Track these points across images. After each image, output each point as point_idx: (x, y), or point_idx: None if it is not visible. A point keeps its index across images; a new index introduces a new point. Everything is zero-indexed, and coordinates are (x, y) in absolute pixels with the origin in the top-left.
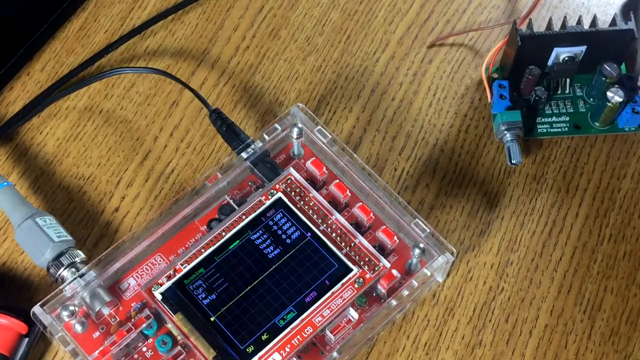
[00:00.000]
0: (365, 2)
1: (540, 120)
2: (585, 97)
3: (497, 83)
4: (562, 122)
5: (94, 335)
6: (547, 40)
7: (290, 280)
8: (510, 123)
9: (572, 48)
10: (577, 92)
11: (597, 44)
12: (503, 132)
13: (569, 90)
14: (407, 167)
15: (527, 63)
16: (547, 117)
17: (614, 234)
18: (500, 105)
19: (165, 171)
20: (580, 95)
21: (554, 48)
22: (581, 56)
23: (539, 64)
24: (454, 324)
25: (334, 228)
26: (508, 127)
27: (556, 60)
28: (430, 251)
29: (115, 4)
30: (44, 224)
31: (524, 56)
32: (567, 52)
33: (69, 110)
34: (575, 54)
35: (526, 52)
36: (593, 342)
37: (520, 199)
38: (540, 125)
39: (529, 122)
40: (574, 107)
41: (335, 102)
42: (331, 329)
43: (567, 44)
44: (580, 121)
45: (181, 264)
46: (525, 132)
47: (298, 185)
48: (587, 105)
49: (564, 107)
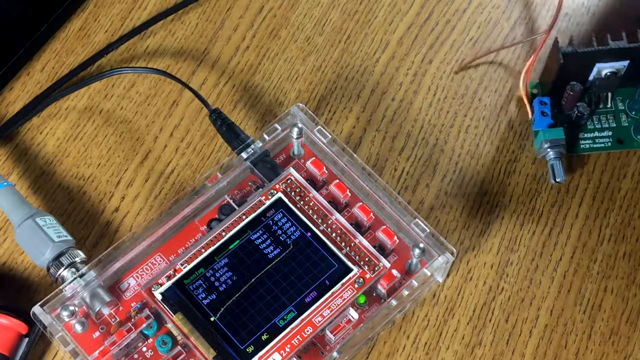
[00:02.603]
0: (365, 2)
1: (582, 136)
2: (628, 111)
3: (538, 100)
4: (605, 137)
5: (94, 335)
6: (589, 56)
7: (290, 280)
8: (554, 141)
9: (614, 63)
10: (619, 106)
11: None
12: (546, 150)
13: (610, 105)
14: (407, 167)
15: (569, 79)
16: (589, 132)
17: (614, 234)
18: (543, 123)
19: (165, 171)
20: (623, 109)
21: (596, 64)
22: (624, 71)
23: (580, 80)
24: (454, 324)
25: (334, 228)
26: (551, 145)
27: (598, 76)
28: (430, 251)
29: (115, 4)
30: (44, 224)
31: (566, 73)
32: (609, 67)
33: (69, 110)
34: (618, 69)
35: (568, 68)
36: (593, 342)
37: (520, 199)
38: (582, 141)
39: (571, 138)
40: (617, 121)
41: (335, 102)
42: (331, 329)
43: (609, 60)
44: (622, 135)
45: (181, 264)
46: (568, 149)
47: (298, 185)
48: (629, 119)
49: (606, 122)
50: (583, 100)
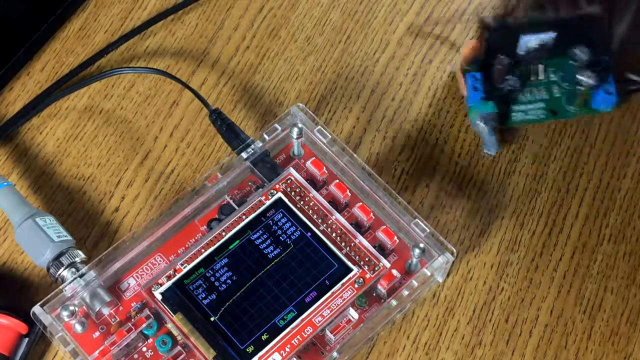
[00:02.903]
0: (365, 2)
1: (515, 109)
2: (560, 82)
3: (470, 75)
4: (538, 109)
5: (94, 335)
6: (512, 29)
7: (290, 280)
8: (485, 114)
9: (540, 35)
10: (552, 78)
11: (565, 29)
12: (478, 124)
13: (543, 77)
14: (407, 167)
15: (498, 53)
16: (522, 104)
17: (614, 234)
18: (475, 97)
19: (165, 171)
20: (555, 81)
21: (521, 36)
22: (552, 42)
23: (509, 53)
24: (454, 324)
25: (334, 228)
26: (482, 118)
27: (526, 48)
28: (430, 251)
29: (115, 4)
30: (44, 224)
31: (492, 46)
32: (536, 40)
33: (69, 110)
34: (545, 41)
35: (494, 42)
36: (593, 342)
37: (520, 199)
38: (515, 113)
39: (505, 111)
40: (549, 92)
41: (335, 102)
42: (331, 329)
43: (533, 32)
44: (555, 106)
45: (181, 264)
46: (501, 122)
47: (298, 185)
48: (562, 90)
49: (539, 94)
50: (516, 74)
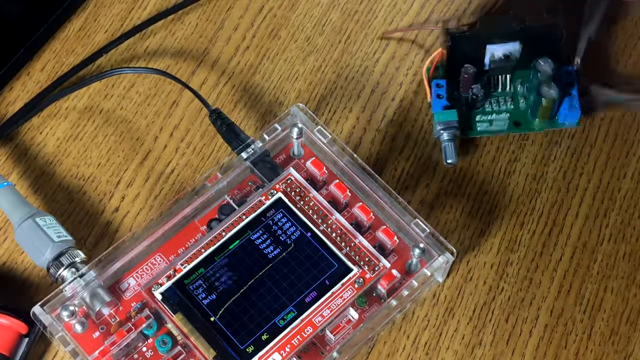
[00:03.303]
0: (365, 2)
1: (479, 119)
2: (526, 94)
3: (435, 82)
4: (501, 120)
5: (94, 335)
6: (476, 38)
7: (290, 280)
8: (446, 122)
9: (505, 45)
10: (518, 89)
11: (529, 40)
12: (440, 132)
13: (509, 88)
14: (407, 167)
15: (464, 62)
16: (486, 114)
17: (614, 234)
18: (438, 105)
19: (165, 171)
20: (521, 92)
21: (487, 46)
22: (518, 53)
23: (476, 63)
24: (454, 324)
25: (334, 228)
26: (444, 127)
27: (492, 58)
28: (430, 251)
29: (115, 4)
30: (44, 224)
31: (458, 55)
32: (502, 50)
33: (69, 110)
34: (510, 51)
35: (459, 51)
36: (593, 342)
37: (520, 199)
38: (479, 123)
39: (469, 120)
40: (514, 104)
41: (335, 102)
42: (331, 329)
43: (498, 41)
44: (519, 118)
45: (181, 264)
46: (465, 131)
47: (298, 185)
48: (527, 102)
49: (504, 104)
50: (482, 83)
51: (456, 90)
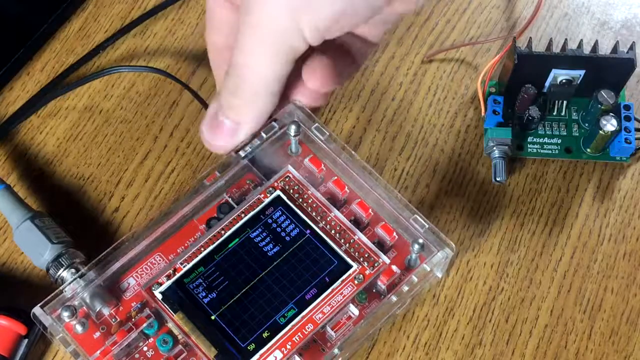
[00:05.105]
0: None
1: (531, 140)
2: (581, 122)
3: (492, 98)
4: (554, 144)
5: (95, 335)
6: (544, 60)
7: (290, 277)
8: (500, 140)
9: (570, 71)
10: (573, 116)
11: (596, 69)
12: (492, 148)
13: (564, 113)
14: (407, 167)
15: (525, 81)
16: (539, 137)
17: (614, 234)
18: (492, 121)
19: (165, 171)
20: (576, 119)
21: (552, 69)
22: (579, 80)
23: (536, 83)
24: (454, 324)
25: (333, 225)
26: (497, 144)
27: (553, 82)
28: (430, 246)
29: (115, 4)
30: (43, 225)
31: (521, 74)
32: (565, 75)
33: (68, 110)
34: (573, 77)
35: (523, 70)
36: (593, 342)
37: (520, 199)
38: (531, 144)
39: (520, 140)
40: (568, 130)
41: (335, 102)
42: (332, 325)
43: (565, 67)
44: (572, 145)
45: (181, 263)
46: (515, 150)
47: (296, 183)
48: (581, 130)
49: (557, 129)
50: (537, 104)
51: (510, 108)
